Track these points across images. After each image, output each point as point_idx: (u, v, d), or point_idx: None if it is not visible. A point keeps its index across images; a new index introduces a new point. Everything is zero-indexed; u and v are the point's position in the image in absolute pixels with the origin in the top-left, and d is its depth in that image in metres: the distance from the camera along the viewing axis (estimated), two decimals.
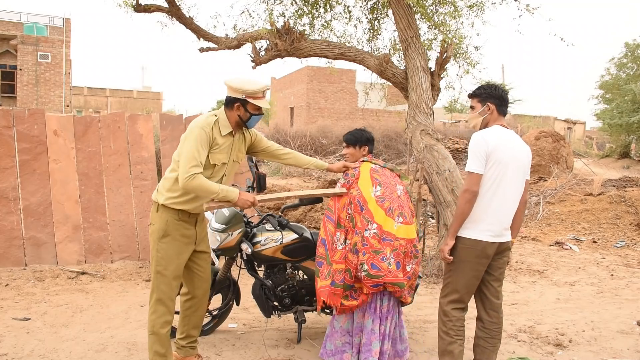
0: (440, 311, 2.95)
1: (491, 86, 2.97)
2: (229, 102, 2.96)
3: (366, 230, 3.00)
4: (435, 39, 6.57)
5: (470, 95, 3.00)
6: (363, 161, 3.32)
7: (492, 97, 2.90)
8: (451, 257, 2.85)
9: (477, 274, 2.87)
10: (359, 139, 3.39)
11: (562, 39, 6.26)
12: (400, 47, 6.10)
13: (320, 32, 7.09)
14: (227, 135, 2.95)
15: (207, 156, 2.84)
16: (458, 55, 6.43)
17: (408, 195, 3.35)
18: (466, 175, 2.81)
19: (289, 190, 10.91)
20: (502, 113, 2.93)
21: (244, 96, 2.90)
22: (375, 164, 3.29)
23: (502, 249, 2.93)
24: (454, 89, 6.80)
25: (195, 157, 2.74)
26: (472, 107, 2.98)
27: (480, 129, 2.91)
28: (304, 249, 3.42)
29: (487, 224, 2.79)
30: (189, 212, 2.92)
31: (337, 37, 7.17)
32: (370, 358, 3.01)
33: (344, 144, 3.44)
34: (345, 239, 3.06)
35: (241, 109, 2.94)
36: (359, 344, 3.10)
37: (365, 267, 2.95)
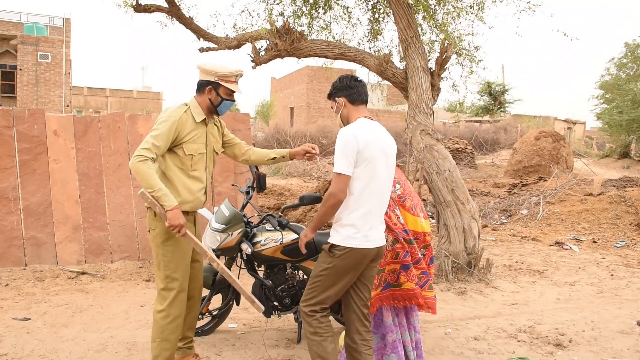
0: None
1: (337, 79, 2.70)
2: (201, 86, 2.90)
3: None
4: (437, 40, 6.57)
5: (328, 98, 2.79)
6: None
7: (339, 89, 2.66)
8: (305, 250, 2.73)
9: (350, 281, 2.61)
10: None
11: (565, 34, 6.26)
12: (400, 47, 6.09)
13: (317, 33, 7.10)
14: (201, 124, 2.88)
15: (182, 147, 2.80)
16: (461, 54, 6.42)
17: None
18: (334, 177, 2.48)
19: (289, 191, 10.91)
20: (359, 101, 2.64)
21: (216, 79, 2.85)
22: None
23: (380, 254, 2.67)
24: (458, 92, 6.80)
25: (154, 143, 2.66)
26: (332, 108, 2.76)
27: (345, 125, 2.63)
28: None
29: (366, 230, 2.53)
30: (188, 211, 2.90)
31: (338, 39, 7.18)
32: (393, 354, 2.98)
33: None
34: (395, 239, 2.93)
35: (213, 93, 2.88)
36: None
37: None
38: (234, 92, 2.93)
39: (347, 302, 2.69)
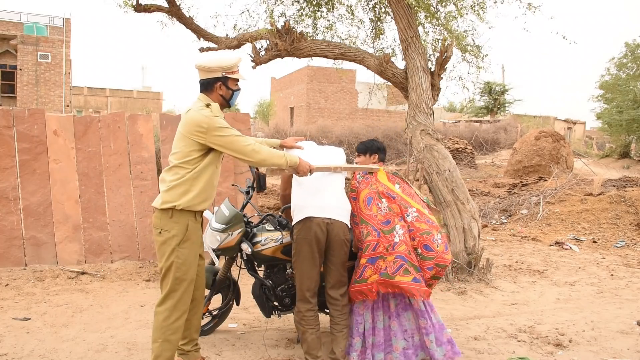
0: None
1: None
2: (209, 85, 2.85)
3: (407, 215, 3.12)
4: (440, 39, 6.55)
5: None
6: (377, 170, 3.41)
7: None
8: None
9: (313, 260, 3.15)
10: (369, 148, 3.55)
11: (564, 37, 6.26)
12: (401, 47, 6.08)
13: (323, 34, 7.09)
14: None
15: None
16: (466, 49, 6.39)
17: None
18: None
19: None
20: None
21: (223, 73, 2.83)
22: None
23: (337, 234, 3.15)
24: (468, 90, 6.78)
25: (242, 136, 2.81)
26: None
27: None
28: None
29: (308, 205, 3.15)
30: (202, 211, 2.93)
31: (344, 38, 7.17)
32: (393, 353, 3.09)
33: (356, 153, 3.63)
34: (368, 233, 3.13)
35: (223, 88, 2.87)
36: (372, 344, 3.12)
37: (419, 250, 3.06)
38: (238, 80, 2.94)
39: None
